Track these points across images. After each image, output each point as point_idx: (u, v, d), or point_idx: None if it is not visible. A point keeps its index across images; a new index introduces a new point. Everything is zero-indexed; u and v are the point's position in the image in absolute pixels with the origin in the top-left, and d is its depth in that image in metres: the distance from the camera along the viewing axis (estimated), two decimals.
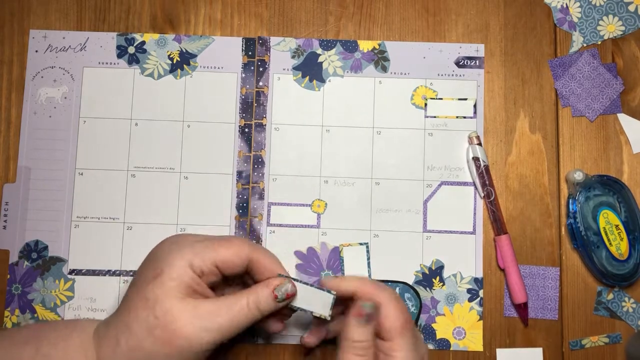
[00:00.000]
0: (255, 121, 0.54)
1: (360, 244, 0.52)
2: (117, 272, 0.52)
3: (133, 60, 0.54)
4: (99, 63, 0.54)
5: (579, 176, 0.51)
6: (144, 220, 0.52)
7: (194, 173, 0.53)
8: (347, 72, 0.54)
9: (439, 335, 0.51)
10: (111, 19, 0.55)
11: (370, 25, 0.55)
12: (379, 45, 0.55)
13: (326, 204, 0.53)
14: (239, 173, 0.53)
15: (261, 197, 0.53)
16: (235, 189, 0.53)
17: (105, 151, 0.53)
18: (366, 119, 0.54)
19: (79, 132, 0.53)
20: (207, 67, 0.54)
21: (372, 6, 0.55)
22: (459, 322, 0.52)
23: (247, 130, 0.54)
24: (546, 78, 0.54)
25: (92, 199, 0.53)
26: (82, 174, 0.53)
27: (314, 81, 0.54)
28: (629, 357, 0.46)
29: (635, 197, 0.52)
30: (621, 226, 0.51)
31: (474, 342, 0.51)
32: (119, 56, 0.54)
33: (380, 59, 0.54)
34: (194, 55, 0.54)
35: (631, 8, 0.55)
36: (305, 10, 0.55)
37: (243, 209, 0.53)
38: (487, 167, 0.52)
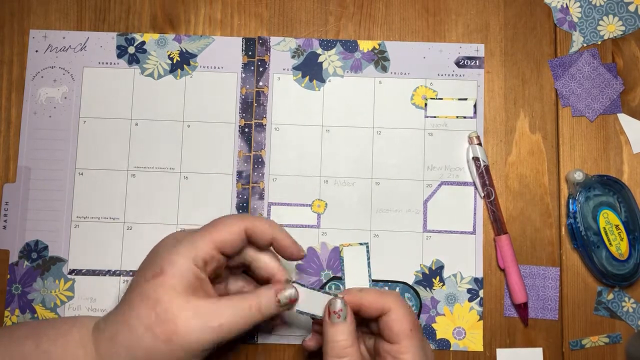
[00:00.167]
0: (255, 121, 0.54)
1: (360, 244, 0.52)
2: (117, 272, 0.52)
3: (133, 60, 0.54)
4: (99, 63, 0.54)
5: (579, 176, 0.51)
6: (144, 220, 0.52)
7: (194, 173, 0.53)
8: (347, 72, 0.54)
9: (439, 335, 0.51)
10: (111, 19, 0.55)
11: (370, 25, 0.55)
12: (379, 45, 0.55)
13: (326, 204, 0.53)
14: (239, 173, 0.53)
15: (261, 197, 0.53)
16: (235, 189, 0.53)
17: (105, 151, 0.53)
18: (366, 119, 0.54)
19: (79, 132, 0.53)
20: (207, 67, 0.54)
21: (372, 6, 0.55)
22: (459, 322, 0.51)
23: (247, 130, 0.54)
24: (546, 78, 0.54)
25: (92, 199, 0.53)
26: (82, 174, 0.53)
27: (314, 81, 0.54)
28: (629, 357, 0.46)
29: (635, 197, 0.52)
30: (621, 226, 0.51)
31: (474, 342, 0.51)
32: (119, 56, 0.54)
33: (380, 59, 0.54)
34: (194, 55, 0.54)
35: (631, 8, 0.55)
36: (305, 10, 0.55)
37: (243, 209, 0.53)
38: (487, 167, 0.52)
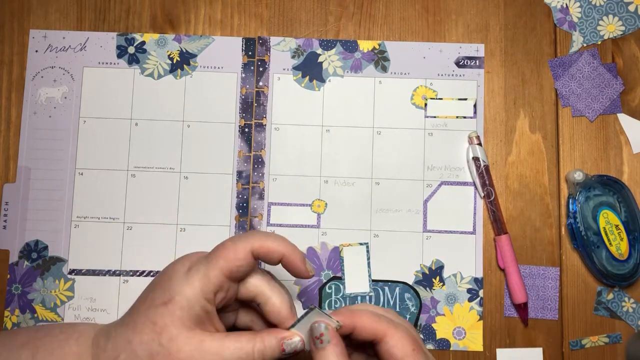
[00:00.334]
0: (255, 121, 0.54)
1: (360, 244, 0.52)
2: (117, 272, 0.52)
3: (133, 60, 0.54)
4: (99, 63, 0.54)
5: (579, 176, 0.51)
6: (144, 220, 0.52)
7: (194, 173, 0.53)
8: (347, 72, 0.54)
9: (439, 335, 0.51)
10: (111, 18, 0.55)
11: (370, 25, 0.55)
12: (379, 45, 0.55)
13: (326, 204, 0.53)
14: (239, 173, 0.53)
15: (261, 197, 0.53)
16: (235, 188, 0.53)
17: (105, 151, 0.53)
18: (366, 119, 0.54)
19: (79, 132, 0.53)
20: (207, 67, 0.54)
21: (372, 6, 0.55)
22: (459, 322, 0.51)
23: (247, 130, 0.54)
24: (546, 78, 0.54)
25: (92, 199, 0.53)
26: (82, 174, 0.53)
27: (314, 81, 0.54)
28: (629, 357, 0.46)
29: (635, 197, 0.52)
30: (621, 226, 0.51)
31: (474, 342, 0.51)
32: (119, 56, 0.54)
33: (380, 59, 0.54)
34: (194, 55, 0.54)
35: (631, 8, 0.55)
36: (305, 10, 0.55)
37: (243, 209, 0.53)
38: (487, 167, 0.52)
